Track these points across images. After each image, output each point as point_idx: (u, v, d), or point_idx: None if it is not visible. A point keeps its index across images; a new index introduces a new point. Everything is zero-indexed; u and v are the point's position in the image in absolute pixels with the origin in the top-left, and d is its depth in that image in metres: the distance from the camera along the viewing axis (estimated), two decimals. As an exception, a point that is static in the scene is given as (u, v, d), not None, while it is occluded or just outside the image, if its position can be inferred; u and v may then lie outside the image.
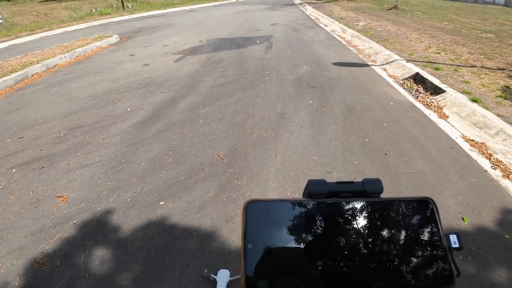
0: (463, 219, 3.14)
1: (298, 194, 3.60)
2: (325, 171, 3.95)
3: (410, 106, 6.03)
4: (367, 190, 0.45)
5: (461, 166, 4.02)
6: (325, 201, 0.46)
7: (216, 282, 2.51)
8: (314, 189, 0.46)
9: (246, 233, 0.45)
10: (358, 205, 0.45)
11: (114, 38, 13.40)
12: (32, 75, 8.17)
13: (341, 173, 3.89)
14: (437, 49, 9.96)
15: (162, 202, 3.46)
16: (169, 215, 3.28)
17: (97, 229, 3.16)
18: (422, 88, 7.49)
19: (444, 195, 3.46)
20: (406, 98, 6.43)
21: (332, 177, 3.83)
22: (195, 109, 5.79)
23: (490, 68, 8.20)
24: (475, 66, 8.31)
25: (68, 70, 9.24)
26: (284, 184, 3.71)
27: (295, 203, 0.46)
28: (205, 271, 2.61)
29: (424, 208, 0.45)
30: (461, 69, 7.83)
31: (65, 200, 3.62)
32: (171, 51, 10.85)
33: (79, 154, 4.51)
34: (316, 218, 0.45)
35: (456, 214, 3.21)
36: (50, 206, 3.49)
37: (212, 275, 2.58)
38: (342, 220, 0.45)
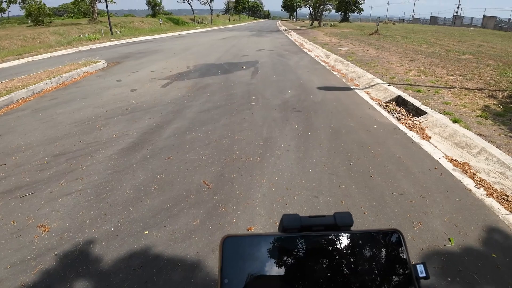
0: (449, 240, 3.15)
1: (285, 221, 3.58)
2: (312, 195, 3.95)
3: (393, 128, 6.15)
4: (338, 223, 0.47)
5: (445, 186, 4.08)
6: (298, 235, 0.47)
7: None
8: (288, 223, 0.47)
9: (222, 268, 0.46)
10: (329, 238, 0.47)
11: (102, 64, 13.43)
12: (17, 100, 8.10)
13: (328, 197, 3.90)
14: (417, 72, 10.26)
15: (147, 232, 3.39)
16: (153, 245, 3.21)
17: (79, 261, 3.06)
18: (404, 110, 7.68)
19: (430, 216, 3.48)
20: (389, 121, 6.56)
21: (319, 202, 3.83)
22: (181, 135, 5.78)
23: (469, 88, 8.45)
24: (455, 87, 8.56)
25: (54, 96, 9.17)
26: (270, 210, 3.68)
27: (270, 237, 0.47)
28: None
29: (392, 239, 0.47)
30: (442, 91, 8.07)
31: (47, 230, 3.51)
32: (158, 77, 10.91)
33: (62, 182, 4.41)
34: (291, 251, 0.46)
35: (442, 235, 3.22)
36: (31, 236, 3.38)
37: (198, 307, 2.49)
38: (315, 253, 0.46)
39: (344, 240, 0.47)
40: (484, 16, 46.41)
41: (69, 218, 3.67)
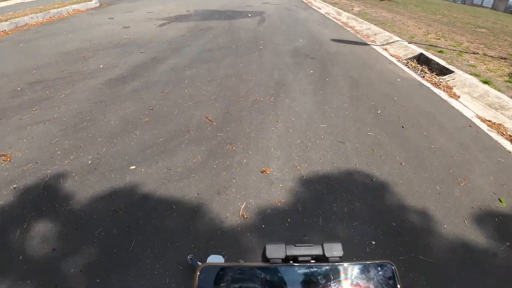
0: (500, 201, 2.72)
1: (307, 164, 2.89)
2: (337, 140, 3.26)
3: (418, 83, 5.49)
4: (327, 254, 0.42)
5: (483, 145, 3.58)
6: (282, 266, 0.42)
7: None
8: (271, 253, 0.42)
9: None
10: (316, 270, 0.41)
11: (94, 3, 12.19)
12: (-3, 33, 7.04)
13: (356, 144, 3.24)
14: (436, 36, 9.49)
15: (133, 167, 2.67)
16: (141, 183, 2.50)
17: (42, 197, 2.35)
18: (427, 69, 7.02)
19: (474, 173, 3.02)
20: (412, 76, 5.87)
21: (346, 148, 3.16)
22: (180, 70, 4.95)
23: (492, 56, 7.89)
24: (477, 53, 7.98)
25: (39, 30, 8.16)
26: (289, 152, 2.98)
27: (250, 268, 0.42)
28: (189, 257, 1.86)
29: (384, 272, 0.42)
30: (464, 55, 7.43)
31: (8, 159, 2.78)
32: (155, 17, 9.85)
33: (35, 109, 3.63)
34: (272, 283, 0.41)
35: (491, 195, 2.77)
36: (-14, 166, 2.64)
37: (199, 263, 1.82)
38: (299, 287, 0.41)
39: (333, 273, 0.41)
40: (495, -2, 44.82)
41: (37, 148, 2.92)
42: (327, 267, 0.42)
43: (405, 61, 7.39)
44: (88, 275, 1.82)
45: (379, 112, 4.04)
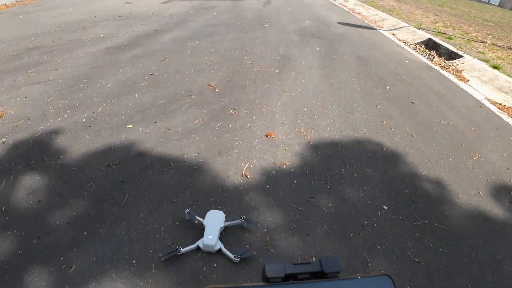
0: None
1: (313, 131, 2.74)
2: (345, 111, 3.11)
3: (426, 66, 5.34)
4: (325, 270, 0.41)
5: (495, 124, 3.47)
6: (282, 285, 0.41)
7: (204, 227, 1.61)
8: (271, 273, 0.41)
9: None
10: (316, 287, 0.41)
11: (95, -20, 11.94)
12: (-4, 5, 6.81)
13: (364, 115, 3.10)
14: (444, 25, 9.30)
15: (130, 126, 2.52)
16: (137, 140, 2.34)
17: (32, 151, 2.19)
18: (435, 53, 6.86)
19: (487, 149, 2.92)
20: (420, 59, 5.72)
21: (355, 118, 3.01)
22: (182, 42, 4.77)
23: (500, 46, 7.74)
24: (486, 42, 7.81)
25: (39, 3, 7.93)
26: (295, 119, 2.83)
27: None
28: (186, 211, 1.71)
29: (383, 285, 0.41)
30: (473, 43, 7.29)
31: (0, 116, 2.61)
32: (158, -5, 9.60)
33: (30, 71, 3.46)
34: None
35: (505, 170, 2.67)
36: (-25, 121, 2.50)
37: (197, 218, 1.68)
38: None
39: None
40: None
41: (30, 106, 2.77)
42: (326, 283, 0.41)
43: (413, 46, 7.23)
44: (75, 227, 1.68)
45: (387, 88, 3.88)
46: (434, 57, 6.58)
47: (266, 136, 2.56)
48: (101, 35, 4.88)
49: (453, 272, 1.72)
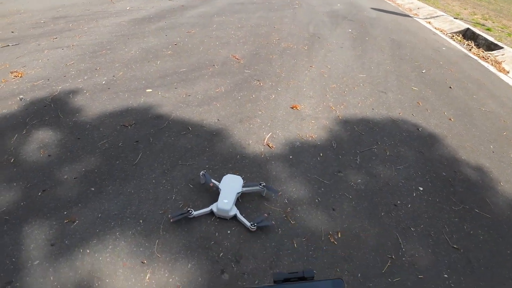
0: None
1: (343, 107, 2.56)
2: (377, 90, 2.89)
3: (464, 54, 4.99)
4: (305, 276, 0.57)
5: None
6: (282, 285, 0.57)
7: (219, 191, 1.46)
8: (277, 277, 0.56)
9: None
10: (299, 285, 0.56)
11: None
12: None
13: (399, 95, 2.87)
14: (482, 17, 8.73)
15: (150, 90, 2.40)
16: (156, 104, 2.22)
17: (48, 109, 2.11)
18: (473, 44, 6.45)
19: None
20: (458, 48, 5.36)
21: (388, 98, 2.80)
22: (208, 17, 4.62)
23: None
24: None
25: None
26: (323, 94, 2.64)
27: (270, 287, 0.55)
28: (201, 173, 1.57)
29: (337, 286, 0.53)
30: None
31: (20, 76, 2.57)
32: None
33: (55, 37, 3.41)
34: None
35: None
36: (-4, 80, 2.45)
37: (213, 181, 1.53)
38: None
39: (307, 287, 0.55)
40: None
41: (51, 68, 2.71)
42: (302, 283, 0.55)
43: (450, 35, 6.82)
44: (83, 183, 1.57)
45: (423, 71, 3.62)
46: (472, 47, 6.20)
47: (292, 108, 2.39)
48: (127, 8, 4.80)
49: (495, 263, 1.51)
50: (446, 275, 1.42)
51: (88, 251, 1.30)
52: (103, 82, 2.49)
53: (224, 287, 1.22)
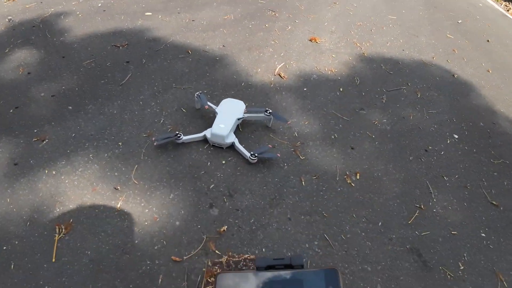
0: None
1: (369, 44, 2.24)
2: (409, 33, 2.54)
3: (501, 13, 4.49)
4: (292, 263, 0.55)
5: None
6: (266, 271, 0.55)
7: (215, 115, 1.20)
8: (259, 264, 0.55)
9: None
10: (285, 274, 0.54)
11: None
12: None
13: (432, 40, 2.52)
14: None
15: (149, 13, 2.12)
16: (154, 27, 1.95)
17: (36, 29, 1.88)
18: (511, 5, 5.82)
19: None
20: (495, 7, 4.82)
21: (420, 41, 2.46)
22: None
23: None
24: None
25: None
26: (347, 30, 2.31)
27: (252, 274, 0.54)
28: (196, 94, 1.31)
29: (330, 276, 0.53)
30: None
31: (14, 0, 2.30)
32: None
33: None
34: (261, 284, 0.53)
35: None
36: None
37: (209, 104, 1.27)
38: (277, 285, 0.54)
39: (294, 276, 0.54)
40: None
41: (46, -9, 2.40)
42: (291, 273, 0.53)
43: (488, -6, 6.18)
44: (60, 101, 1.35)
45: (459, 22, 3.23)
46: (510, 8, 5.63)
47: (310, 40, 2.08)
48: None
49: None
50: (483, 234, 1.17)
51: (54, 172, 1.09)
52: (99, 5, 2.22)
53: (212, 223, 1.00)
